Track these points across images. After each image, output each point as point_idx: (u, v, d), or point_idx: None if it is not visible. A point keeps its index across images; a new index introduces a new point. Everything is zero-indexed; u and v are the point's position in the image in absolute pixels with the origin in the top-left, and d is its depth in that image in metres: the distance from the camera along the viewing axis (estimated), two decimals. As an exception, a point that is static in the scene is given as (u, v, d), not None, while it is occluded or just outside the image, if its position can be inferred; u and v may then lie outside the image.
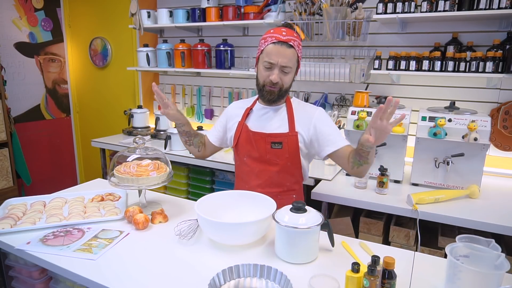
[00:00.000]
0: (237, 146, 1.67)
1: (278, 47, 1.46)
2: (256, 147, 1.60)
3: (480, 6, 1.87)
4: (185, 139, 1.75)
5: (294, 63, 1.51)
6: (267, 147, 1.58)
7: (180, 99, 3.31)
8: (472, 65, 1.95)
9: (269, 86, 1.52)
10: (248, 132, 1.61)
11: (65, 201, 1.62)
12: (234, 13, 2.65)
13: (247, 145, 1.63)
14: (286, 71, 1.50)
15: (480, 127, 1.83)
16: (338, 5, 2.25)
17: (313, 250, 1.20)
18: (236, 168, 1.75)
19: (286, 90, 1.56)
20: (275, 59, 1.47)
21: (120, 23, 3.41)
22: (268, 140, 1.57)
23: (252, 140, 1.60)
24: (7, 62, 3.39)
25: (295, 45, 1.49)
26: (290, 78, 1.54)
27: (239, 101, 1.78)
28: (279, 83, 1.51)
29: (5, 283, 1.44)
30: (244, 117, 1.66)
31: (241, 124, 1.65)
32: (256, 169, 1.62)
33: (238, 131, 1.66)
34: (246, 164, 1.65)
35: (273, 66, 1.49)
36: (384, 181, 1.89)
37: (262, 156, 1.60)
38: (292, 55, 1.48)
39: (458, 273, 0.98)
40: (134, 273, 1.13)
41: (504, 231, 1.56)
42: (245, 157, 1.65)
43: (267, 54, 1.49)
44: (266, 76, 1.51)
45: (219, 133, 1.77)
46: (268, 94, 1.54)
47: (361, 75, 2.29)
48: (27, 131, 3.60)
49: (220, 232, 1.25)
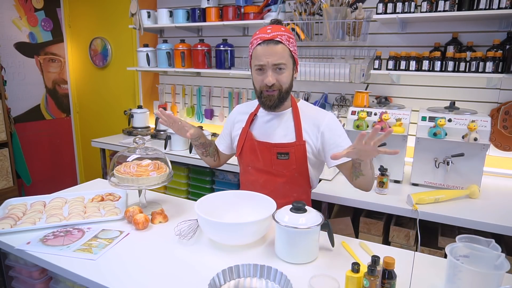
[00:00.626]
0: (241, 154, 1.58)
1: (265, 47, 1.36)
2: (261, 157, 1.50)
3: (480, 6, 1.87)
4: (201, 151, 1.65)
5: (288, 58, 1.38)
6: (272, 158, 1.48)
7: (180, 99, 3.31)
8: (472, 65, 1.95)
9: (267, 91, 1.40)
10: (253, 141, 1.52)
11: (65, 201, 1.62)
12: (234, 13, 2.65)
13: (251, 155, 1.54)
14: (281, 67, 1.37)
15: (480, 127, 1.83)
16: (338, 5, 2.25)
17: (313, 250, 1.20)
18: (241, 176, 1.66)
19: (287, 91, 1.42)
20: (265, 60, 1.36)
21: (120, 23, 3.41)
22: (274, 150, 1.47)
23: (257, 150, 1.51)
24: (7, 62, 3.39)
25: (283, 40, 1.36)
26: (287, 77, 1.40)
27: (243, 104, 1.68)
28: (276, 85, 1.39)
29: (5, 283, 1.44)
30: (248, 123, 1.56)
31: (245, 131, 1.55)
32: (261, 179, 1.53)
33: (242, 138, 1.56)
34: (251, 174, 1.57)
35: (265, 68, 1.38)
36: (384, 181, 1.89)
37: (267, 167, 1.51)
38: (283, 51, 1.36)
39: (458, 273, 0.98)
40: (134, 273, 1.13)
41: (504, 231, 1.56)
42: (249, 166, 1.56)
43: (255, 57, 1.39)
44: (260, 81, 1.40)
45: (227, 141, 1.68)
46: (267, 100, 1.42)
47: (361, 75, 2.29)
48: (27, 131, 3.60)
49: (220, 232, 1.25)
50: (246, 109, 1.63)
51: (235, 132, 1.63)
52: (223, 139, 1.70)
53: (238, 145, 1.59)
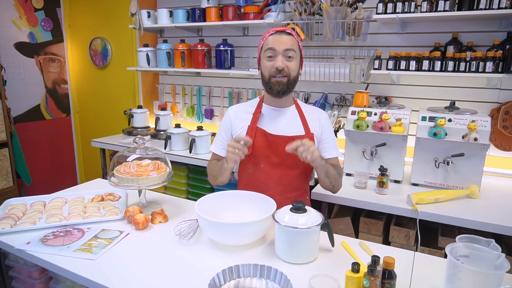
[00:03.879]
0: (252, 152, 1.53)
1: (277, 36, 1.46)
2: (277, 151, 1.52)
3: (480, 6, 1.87)
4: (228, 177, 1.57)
5: (296, 48, 1.47)
6: None
7: (180, 99, 3.31)
8: (472, 65, 1.95)
9: (276, 77, 1.46)
10: (266, 136, 1.53)
11: (65, 201, 1.62)
12: (234, 13, 2.65)
13: (265, 151, 1.53)
14: (291, 55, 1.45)
15: (480, 127, 1.83)
16: (338, 5, 2.25)
17: (313, 250, 1.20)
18: (248, 177, 1.60)
19: (294, 80, 1.49)
20: (277, 45, 1.44)
21: (120, 23, 3.41)
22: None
23: (272, 144, 1.52)
24: (7, 62, 3.39)
25: (293, 34, 1.48)
26: (295, 66, 1.48)
27: (238, 105, 1.67)
28: (285, 70, 1.45)
29: (5, 283, 1.44)
30: (254, 120, 1.56)
31: (253, 129, 1.54)
32: (275, 175, 1.54)
33: (251, 136, 1.52)
34: (264, 171, 1.55)
35: (276, 54, 1.45)
36: (384, 181, 1.89)
37: (284, 161, 1.52)
38: (293, 41, 1.46)
39: (458, 273, 0.98)
40: (134, 273, 1.13)
41: (504, 231, 1.56)
42: (263, 163, 1.55)
43: (267, 44, 1.46)
44: (270, 67, 1.46)
45: (226, 144, 1.58)
46: (276, 85, 1.47)
47: (361, 75, 2.29)
48: (27, 131, 3.60)
49: (220, 232, 1.25)
50: (244, 108, 1.62)
51: (236, 131, 1.59)
52: (222, 143, 1.63)
53: None
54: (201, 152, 2.58)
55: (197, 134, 2.57)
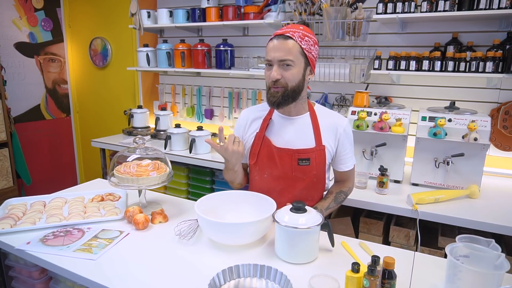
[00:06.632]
0: (256, 162, 1.50)
1: (275, 42, 1.35)
2: (281, 164, 1.46)
3: (480, 6, 1.87)
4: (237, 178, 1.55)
5: (297, 55, 1.34)
6: (293, 164, 1.44)
7: (180, 99, 3.31)
8: (472, 65, 1.95)
9: (272, 87, 1.38)
10: (271, 147, 1.47)
11: (65, 201, 1.62)
12: (234, 13, 2.65)
13: (268, 162, 1.48)
14: (288, 64, 1.33)
15: (480, 127, 1.83)
16: (338, 5, 2.25)
17: (313, 250, 1.20)
18: (254, 184, 1.56)
19: (293, 89, 1.37)
20: (272, 55, 1.34)
21: (120, 23, 3.41)
22: (295, 156, 1.44)
23: (276, 156, 1.46)
24: (7, 62, 3.39)
25: (294, 36, 1.33)
26: (294, 74, 1.35)
27: (251, 108, 1.61)
28: (281, 81, 1.34)
29: (5, 283, 1.44)
30: (263, 128, 1.49)
31: (261, 137, 1.49)
32: (278, 187, 1.49)
33: (257, 145, 1.49)
34: (267, 182, 1.50)
35: (272, 63, 1.36)
36: (384, 181, 1.88)
37: (287, 174, 1.46)
38: (292, 46, 1.32)
39: (458, 273, 0.98)
40: (134, 273, 1.13)
41: (504, 231, 1.56)
42: (266, 174, 1.50)
43: (266, 52, 1.38)
44: (268, 77, 1.38)
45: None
46: (272, 96, 1.38)
47: (361, 75, 2.29)
48: (27, 131, 3.60)
49: (220, 232, 1.25)
50: (257, 112, 1.56)
51: (247, 136, 1.56)
52: None
53: (253, 152, 1.52)
54: (201, 152, 2.58)
55: (197, 134, 2.57)
